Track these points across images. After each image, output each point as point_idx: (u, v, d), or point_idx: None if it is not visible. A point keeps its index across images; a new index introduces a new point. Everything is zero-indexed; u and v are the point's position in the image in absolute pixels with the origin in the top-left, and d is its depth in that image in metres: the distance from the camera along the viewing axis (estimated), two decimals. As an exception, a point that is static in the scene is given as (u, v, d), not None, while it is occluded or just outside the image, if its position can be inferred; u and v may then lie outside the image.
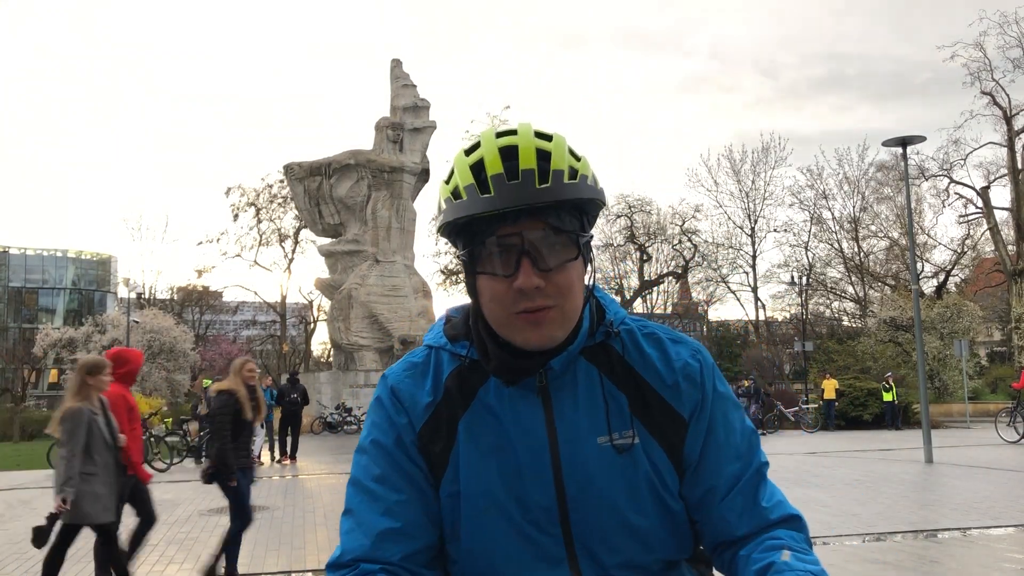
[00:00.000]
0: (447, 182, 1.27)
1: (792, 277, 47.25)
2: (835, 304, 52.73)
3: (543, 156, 1.21)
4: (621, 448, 1.28)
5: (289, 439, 18.73)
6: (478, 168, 1.22)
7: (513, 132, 1.24)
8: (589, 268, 1.30)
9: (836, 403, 26.65)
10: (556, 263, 1.22)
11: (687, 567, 1.40)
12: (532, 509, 1.27)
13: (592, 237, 1.31)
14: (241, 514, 6.92)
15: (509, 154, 1.21)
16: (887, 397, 26.22)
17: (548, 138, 1.23)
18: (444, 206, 1.26)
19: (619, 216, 49.90)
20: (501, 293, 1.23)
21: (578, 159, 1.24)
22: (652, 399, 1.31)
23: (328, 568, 1.26)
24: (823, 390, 27.19)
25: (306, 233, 50.63)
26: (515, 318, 1.23)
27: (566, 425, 1.28)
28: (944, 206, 45.34)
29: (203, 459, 18.39)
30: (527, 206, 1.19)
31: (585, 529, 1.28)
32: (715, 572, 1.44)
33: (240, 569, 7.39)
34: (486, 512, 1.28)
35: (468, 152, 1.25)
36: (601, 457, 1.27)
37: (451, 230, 1.27)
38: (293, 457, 18.49)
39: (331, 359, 39.60)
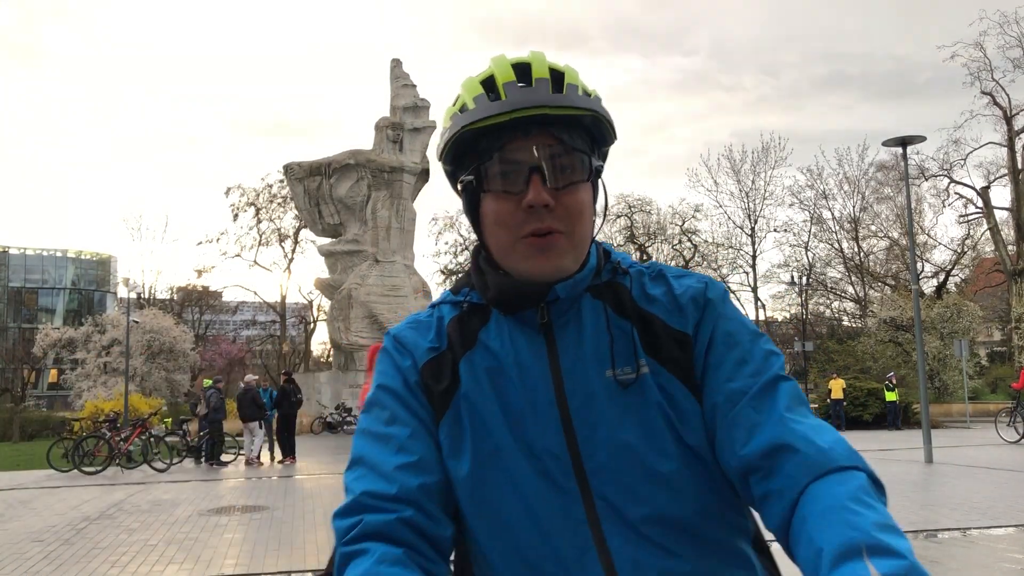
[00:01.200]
0: (453, 104, 1.21)
1: (792, 277, 47.26)
2: (835, 304, 52.78)
3: (557, 74, 1.16)
4: (626, 383, 1.17)
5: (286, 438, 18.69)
6: (488, 81, 1.16)
7: (525, 56, 1.19)
8: (598, 208, 1.24)
9: (844, 403, 26.64)
10: (567, 182, 1.16)
11: (746, 544, 1.21)
12: (542, 457, 1.16)
13: (603, 168, 1.24)
14: None
15: (522, 68, 1.16)
16: (891, 397, 26.23)
17: (561, 65, 1.19)
18: (449, 124, 1.19)
19: (619, 216, 49.90)
20: (507, 214, 1.16)
21: (591, 89, 1.20)
22: (658, 327, 1.21)
23: (334, 517, 1.13)
24: (830, 390, 27.17)
25: (306, 233, 50.66)
26: (521, 243, 1.16)
27: (570, 360, 1.19)
28: (944, 206, 45.42)
29: (203, 459, 18.42)
30: (540, 111, 1.12)
31: (603, 478, 1.15)
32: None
33: (240, 569, 7.40)
34: (493, 457, 1.18)
35: (477, 74, 1.20)
36: (609, 392, 1.17)
37: (455, 151, 1.20)
38: (294, 456, 18.48)
39: (331, 359, 39.60)
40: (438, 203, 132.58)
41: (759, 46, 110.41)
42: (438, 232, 52.15)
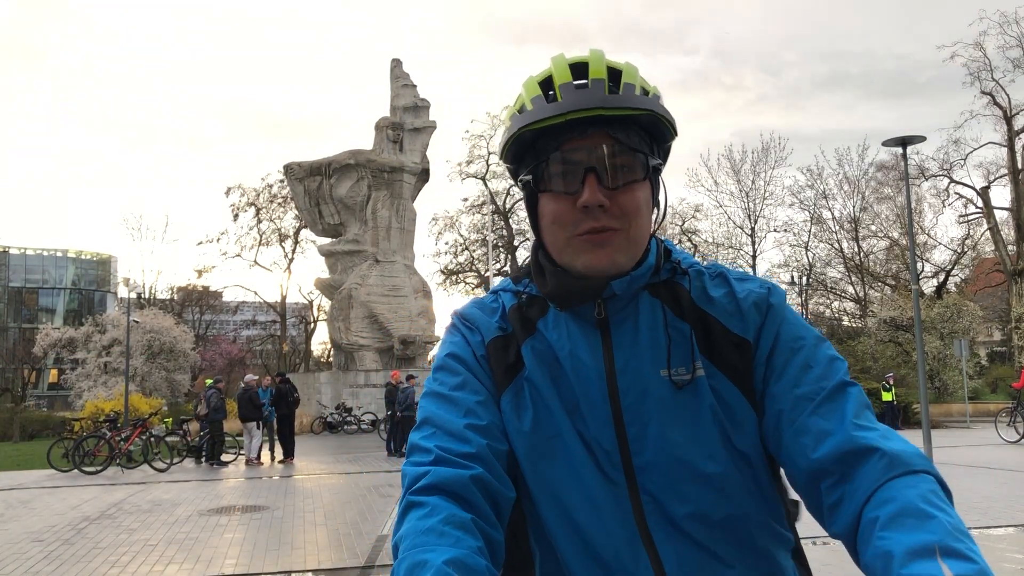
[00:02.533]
0: (513, 104, 1.22)
1: (792, 277, 47.25)
2: (835, 304, 52.75)
3: (614, 73, 1.17)
4: (680, 384, 1.18)
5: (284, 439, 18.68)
6: (546, 82, 1.18)
7: (583, 55, 1.20)
8: (660, 204, 1.24)
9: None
10: (623, 182, 1.16)
11: (787, 556, 1.23)
12: (594, 449, 1.19)
13: (662, 166, 1.24)
14: None
15: (579, 69, 1.17)
16: (886, 397, 26.24)
17: (620, 63, 1.20)
18: (509, 124, 1.21)
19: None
20: (563, 213, 1.17)
21: (650, 87, 1.20)
22: (716, 330, 1.21)
23: (404, 465, 1.16)
24: None
25: (306, 233, 50.69)
26: (577, 240, 1.17)
27: (625, 357, 1.20)
28: (944, 206, 45.37)
29: (203, 458, 18.43)
30: (596, 113, 1.13)
31: (649, 474, 1.17)
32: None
33: (240, 569, 7.40)
34: (555, 439, 1.20)
35: (537, 74, 1.21)
36: (662, 392, 1.18)
37: (515, 150, 1.22)
38: (292, 456, 18.49)
39: (331, 359, 39.59)
40: (438, 203, 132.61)
41: (761, 44, 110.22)
42: (438, 232, 52.16)
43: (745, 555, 1.18)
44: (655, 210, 1.24)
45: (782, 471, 1.21)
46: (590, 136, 1.16)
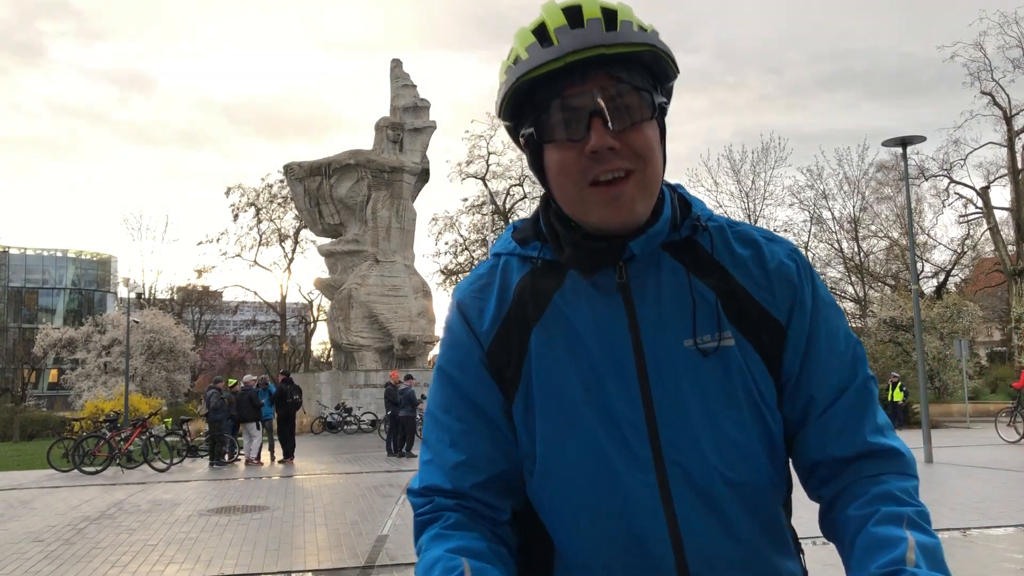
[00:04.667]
0: (507, 58, 1.16)
1: (792, 277, 47.20)
2: (835, 304, 52.72)
3: (609, 12, 1.11)
4: (707, 352, 1.15)
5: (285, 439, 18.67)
6: (540, 29, 1.12)
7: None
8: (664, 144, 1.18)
9: None
10: (630, 122, 1.10)
11: (790, 537, 1.26)
12: (616, 422, 1.15)
13: (667, 106, 1.18)
14: None
15: (573, 12, 1.11)
16: (897, 396, 26.26)
17: (613, 3, 1.14)
18: (504, 78, 1.15)
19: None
20: (571, 162, 1.11)
21: (647, 24, 1.15)
22: (745, 300, 1.18)
23: (408, 493, 1.23)
24: None
25: (306, 233, 50.68)
26: (589, 192, 1.11)
27: (650, 325, 1.16)
28: (944, 206, 45.37)
29: (211, 459, 18.42)
30: (595, 52, 1.07)
31: (676, 444, 1.14)
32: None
33: (240, 569, 7.40)
34: (565, 429, 1.17)
35: (529, 24, 1.16)
36: (689, 361, 1.15)
37: (514, 104, 1.15)
38: (292, 456, 18.48)
39: (331, 359, 39.60)
40: (438, 203, 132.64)
41: (765, 44, 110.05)
42: (438, 232, 52.16)
43: (752, 518, 1.18)
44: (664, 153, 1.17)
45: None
46: (591, 79, 1.10)
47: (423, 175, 36.30)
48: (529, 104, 1.14)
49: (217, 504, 11.80)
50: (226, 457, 18.45)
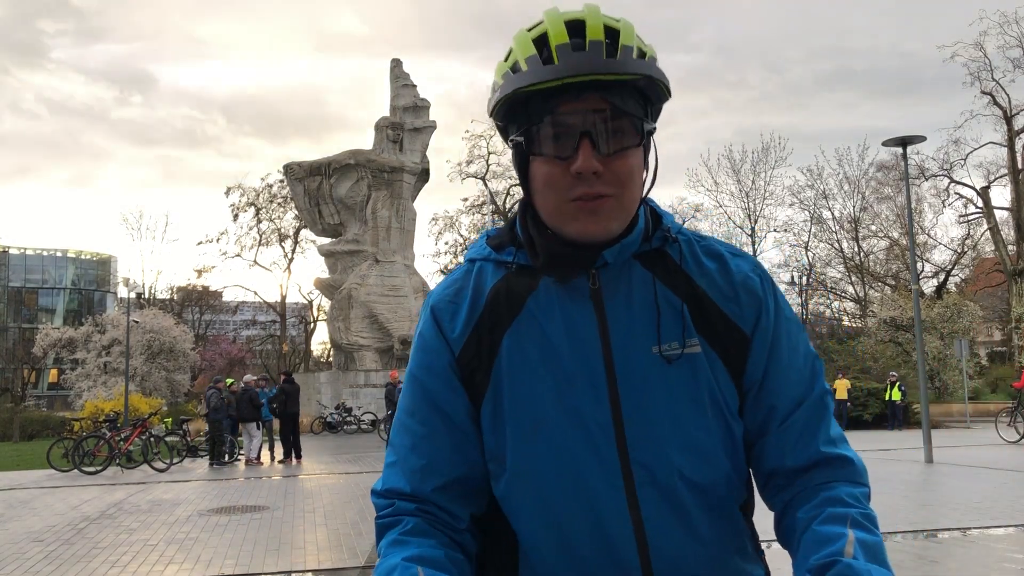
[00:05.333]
0: (505, 60, 1.18)
1: (792, 277, 47.33)
2: (835, 304, 52.77)
3: (611, 33, 1.13)
4: (671, 358, 1.19)
5: (292, 439, 18.66)
6: (541, 40, 1.14)
7: (579, 11, 1.16)
8: (650, 167, 1.22)
9: (848, 403, 26.68)
10: (617, 147, 1.14)
11: (751, 542, 1.30)
12: (584, 425, 1.18)
13: (655, 129, 1.22)
14: None
15: (576, 27, 1.13)
16: (896, 396, 26.25)
17: (616, 20, 1.16)
18: (500, 82, 1.17)
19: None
20: (556, 178, 1.14)
21: (647, 47, 1.17)
22: (711, 310, 1.22)
23: (372, 494, 1.27)
24: (835, 390, 27.14)
25: (306, 233, 50.70)
26: (570, 205, 1.15)
27: (620, 330, 1.20)
28: (944, 206, 45.42)
29: (212, 460, 18.43)
30: (593, 78, 1.10)
31: (642, 446, 1.18)
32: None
33: (240, 569, 7.40)
34: (534, 431, 1.20)
35: (530, 29, 1.17)
36: (656, 366, 1.19)
37: (507, 109, 1.18)
38: (299, 456, 18.48)
39: (331, 359, 39.61)
40: (438, 203, 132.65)
41: (765, 41, 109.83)
42: (438, 232, 52.22)
43: (715, 521, 1.23)
44: (645, 173, 1.21)
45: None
46: (585, 99, 1.13)
47: (423, 175, 36.33)
48: (522, 112, 1.17)
49: (217, 504, 11.80)
50: (226, 457, 18.46)
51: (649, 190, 1.24)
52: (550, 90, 1.12)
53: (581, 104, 1.13)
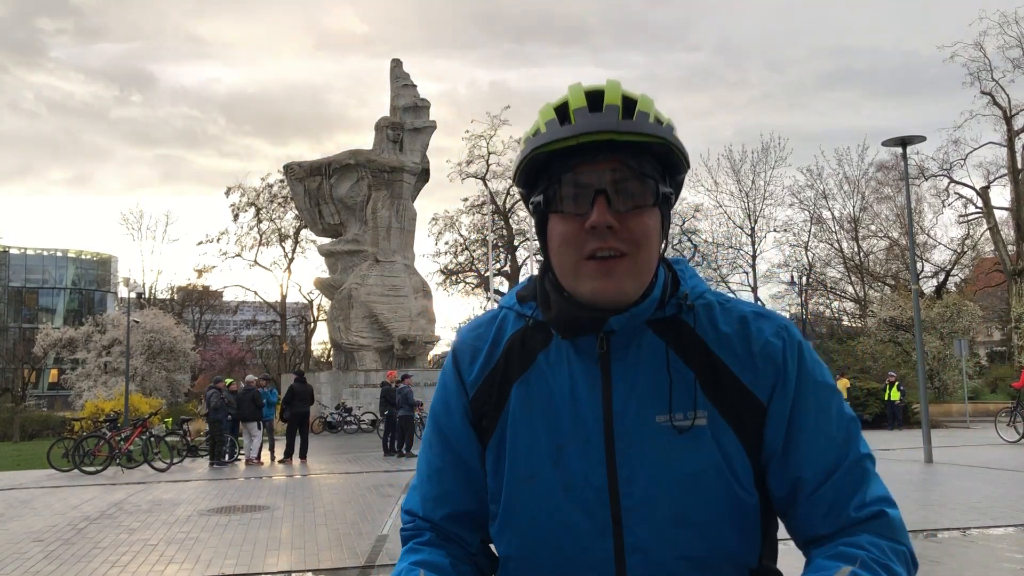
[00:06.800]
0: (529, 130, 1.24)
1: (792, 277, 47.28)
2: (835, 304, 52.78)
3: (629, 101, 1.18)
4: (682, 429, 1.17)
5: (298, 439, 18.66)
6: (562, 108, 1.19)
7: (600, 84, 1.22)
8: (666, 232, 1.24)
9: (848, 402, 26.66)
10: (632, 206, 1.17)
11: None
12: (578, 486, 1.19)
13: (673, 195, 1.24)
14: None
15: (595, 96, 1.18)
16: (894, 396, 26.25)
17: (636, 93, 1.21)
18: (523, 147, 1.23)
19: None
20: (572, 234, 1.18)
21: (664, 118, 1.21)
22: (725, 378, 1.20)
23: (402, 510, 1.39)
24: None
25: (306, 233, 50.73)
26: (584, 264, 1.17)
27: (623, 398, 1.20)
28: (944, 206, 45.40)
29: (212, 460, 18.43)
30: (609, 137, 1.15)
31: (636, 515, 1.17)
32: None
33: (240, 569, 7.41)
34: (529, 482, 1.23)
35: (554, 101, 1.23)
36: (660, 437, 1.18)
37: (527, 173, 1.23)
38: (303, 456, 18.48)
39: (331, 359, 39.61)
40: (438, 203, 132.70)
41: (765, 41, 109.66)
42: (438, 232, 52.19)
43: None
44: (663, 240, 1.23)
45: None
46: (602, 160, 1.17)
47: (423, 175, 36.32)
48: (543, 175, 1.22)
49: (217, 504, 11.80)
50: (226, 457, 18.46)
51: (663, 252, 1.24)
52: (568, 151, 1.17)
53: (598, 165, 1.17)
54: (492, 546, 1.34)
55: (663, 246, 1.23)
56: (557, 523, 1.21)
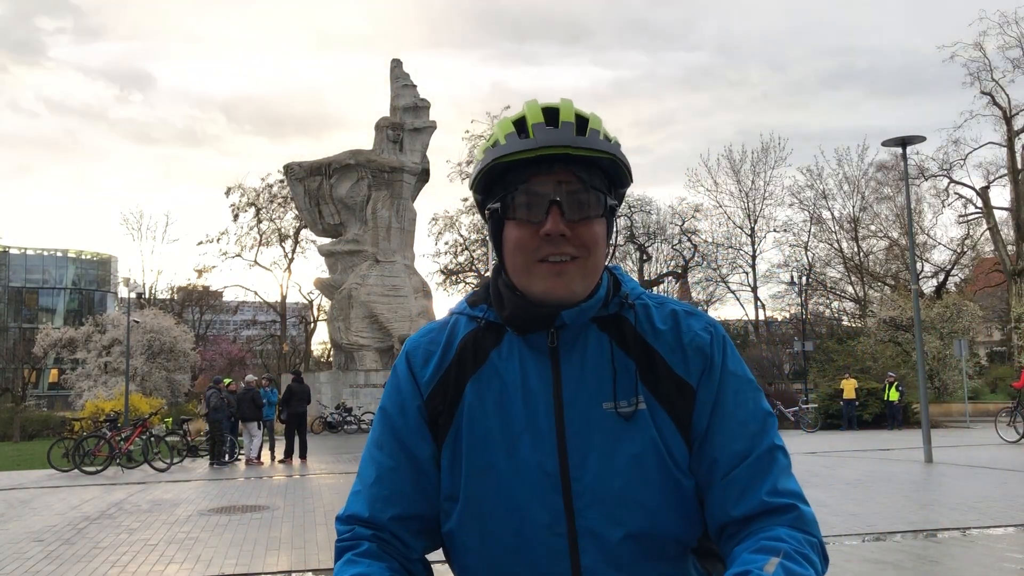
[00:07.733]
0: (487, 141, 1.32)
1: (792, 277, 47.32)
2: (835, 304, 52.80)
3: (582, 119, 1.27)
4: (626, 415, 1.27)
5: (297, 439, 18.68)
6: (520, 122, 1.28)
7: (555, 102, 1.31)
8: (611, 240, 1.34)
9: (856, 403, 26.69)
10: (583, 216, 1.26)
11: (693, 562, 1.35)
12: (533, 473, 1.27)
13: (618, 207, 1.35)
14: None
15: (551, 113, 1.27)
16: (893, 396, 26.25)
17: (587, 112, 1.31)
18: (482, 157, 1.31)
19: (619, 216, 49.89)
20: (526, 240, 1.27)
21: (612, 136, 1.31)
22: (660, 367, 1.31)
23: (336, 520, 1.36)
24: (842, 390, 27.15)
25: (306, 233, 50.73)
26: (538, 266, 1.27)
27: (572, 388, 1.29)
28: (944, 206, 45.48)
29: (212, 460, 18.43)
30: (564, 151, 1.24)
31: (586, 499, 1.26)
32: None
33: (240, 569, 7.41)
34: (485, 474, 1.29)
35: (511, 115, 1.32)
36: (606, 423, 1.27)
37: (485, 182, 1.32)
38: (303, 457, 18.48)
39: (331, 359, 39.62)
40: (438, 203, 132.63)
41: (766, 40, 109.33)
42: (438, 232, 52.18)
43: (659, 566, 1.29)
44: (608, 246, 1.33)
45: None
46: (556, 172, 1.26)
47: (423, 175, 36.33)
48: (499, 184, 1.31)
49: (217, 504, 11.80)
50: (226, 457, 18.47)
51: (609, 259, 1.35)
52: (525, 162, 1.26)
53: (552, 176, 1.26)
54: (439, 553, 1.38)
55: (609, 252, 1.34)
56: (513, 510, 1.27)
